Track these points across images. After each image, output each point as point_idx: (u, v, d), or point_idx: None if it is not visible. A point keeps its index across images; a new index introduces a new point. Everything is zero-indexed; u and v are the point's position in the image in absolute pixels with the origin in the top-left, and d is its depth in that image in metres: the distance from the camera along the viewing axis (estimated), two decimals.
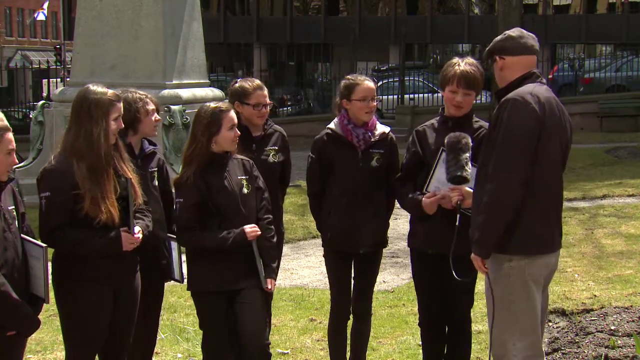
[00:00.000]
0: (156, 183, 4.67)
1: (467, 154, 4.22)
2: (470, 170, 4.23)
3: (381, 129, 4.93)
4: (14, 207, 3.86)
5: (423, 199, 4.52)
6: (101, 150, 4.02)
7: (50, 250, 4.07)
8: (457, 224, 4.29)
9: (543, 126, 3.84)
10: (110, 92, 4.14)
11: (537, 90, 3.92)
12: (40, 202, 4.01)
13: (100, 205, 3.97)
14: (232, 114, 4.52)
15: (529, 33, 4.09)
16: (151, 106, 4.61)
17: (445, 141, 4.29)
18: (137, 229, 4.13)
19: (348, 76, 5.02)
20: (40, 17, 45.83)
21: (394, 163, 4.93)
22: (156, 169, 4.68)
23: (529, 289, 3.93)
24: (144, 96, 4.62)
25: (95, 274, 4.06)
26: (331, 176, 4.90)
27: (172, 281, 4.78)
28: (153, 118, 4.62)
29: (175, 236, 4.61)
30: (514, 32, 4.09)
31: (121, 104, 4.17)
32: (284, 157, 5.12)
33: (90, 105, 4.05)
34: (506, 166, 3.80)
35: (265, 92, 5.02)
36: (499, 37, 4.12)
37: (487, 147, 3.95)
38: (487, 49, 4.14)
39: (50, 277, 4.05)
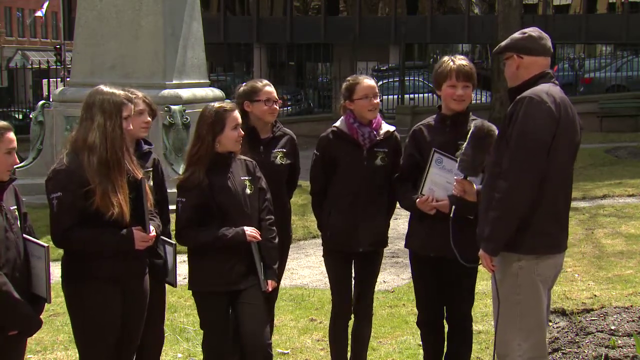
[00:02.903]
0: (151, 183, 4.65)
1: (485, 155, 4.14)
2: (478, 177, 4.21)
3: (386, 127, 4.95)
4: (15, 207, 3.87)
5: (417, 201, 4.55)
6: (115, 144, 3.99)
7: (60, 251, 4.07)
8: (451, 214, 4.34)
9: (557, 126, 3.82)
10: (123, 93, 4.14)
11: (553, 90, 3.91)
12: (51, 203, 3.97)
13: (112, 199, 3.93)
14: (236, 113, 4.52)
15: (545, 33, 4.05)
16: (140, 107, 4.53)
17: (472, 129, 4.21)
18: (151, 227, 4.13)
19: (348, 78, 5.04)
20: (38, 14, 45.75)
21: (398, 162, 4.93)
22: (151, 168, 4.64)
23: (537, 289, 3.92)
24: (135, 97, 4.50)
25: (104, 274, 4.04)
26: (334, 175, 4.91)
27: (167, 283, 4.76)
28: (140, 119, 4.53)
29: (168, 239, 4.59)
30: (534, 32, 4.04)
31: (132, 106, 4.16)
32: (291, 161, 5.11)
33: (103, 100, 4.03)
34: (520, 164, 3.78)
35: (274, 89, 5.06)
36: (518, 35, 4.05)
37: (500, 144, 3.93)
38: (504, 44, 4.07)
39: (58, 277, 4.05)
